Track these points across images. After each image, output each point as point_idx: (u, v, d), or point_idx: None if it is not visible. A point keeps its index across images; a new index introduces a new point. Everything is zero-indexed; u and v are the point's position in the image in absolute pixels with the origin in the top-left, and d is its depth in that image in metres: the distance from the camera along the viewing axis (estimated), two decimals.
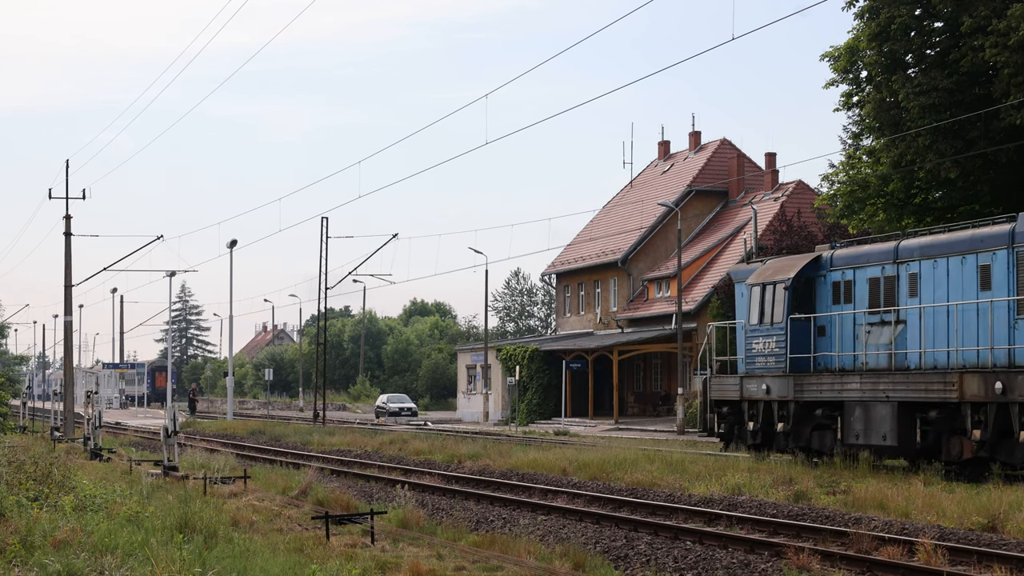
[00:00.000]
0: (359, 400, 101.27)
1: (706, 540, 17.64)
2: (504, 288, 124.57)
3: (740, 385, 30.73)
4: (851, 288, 28.51)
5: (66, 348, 55.74)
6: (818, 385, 28.34)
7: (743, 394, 30.61)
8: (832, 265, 29.16)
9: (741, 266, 33.84)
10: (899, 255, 27.30)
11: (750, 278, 31.04)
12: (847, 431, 27.31)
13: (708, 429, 32.33)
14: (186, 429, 53.45)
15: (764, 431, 30.01)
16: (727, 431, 31.48)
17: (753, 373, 30.42)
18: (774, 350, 29.78)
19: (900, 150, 37.03)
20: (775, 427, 29.54)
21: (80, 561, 13.23)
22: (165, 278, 79.09)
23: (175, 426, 27.77)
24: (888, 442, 26.14)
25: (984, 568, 14.90)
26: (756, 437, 30.21)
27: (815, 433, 28.60)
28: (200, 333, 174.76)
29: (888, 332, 27.46)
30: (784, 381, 29.21)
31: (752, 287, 30.63)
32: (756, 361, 30.48)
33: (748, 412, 30.55)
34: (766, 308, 29.99)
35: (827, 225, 49.77)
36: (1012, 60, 33.30)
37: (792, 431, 29.02)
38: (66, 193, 55.48)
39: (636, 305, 68.16)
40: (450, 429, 56.87)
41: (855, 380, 27.15)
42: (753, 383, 30.22)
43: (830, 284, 29.12)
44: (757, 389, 30.06)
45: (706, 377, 32.36)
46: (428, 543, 16.85)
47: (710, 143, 74.80)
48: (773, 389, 29.57)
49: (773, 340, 29.79)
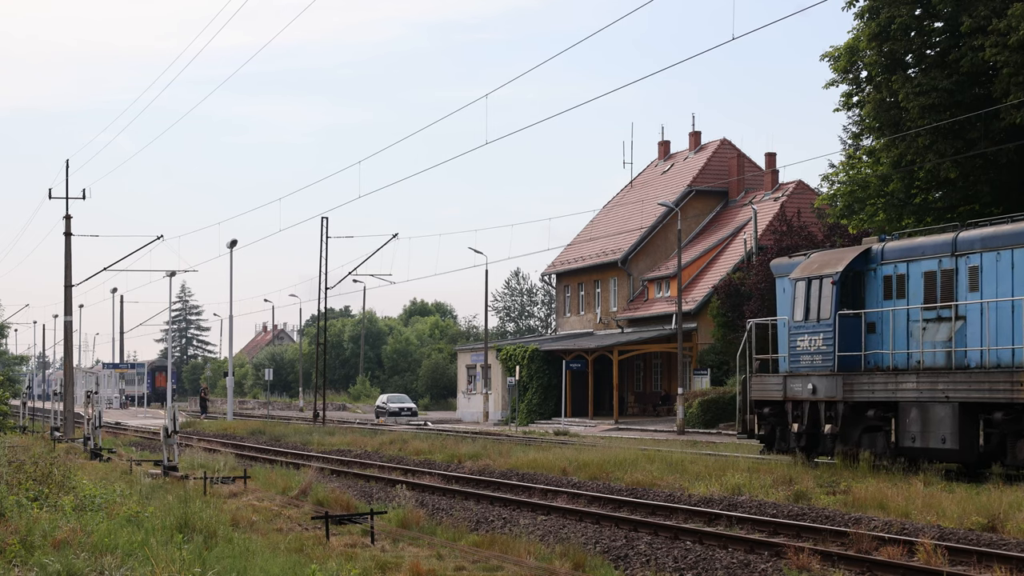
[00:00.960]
0: (359, 400, 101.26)
1: (706, 540, 17.64)
2: (504, 288, 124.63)
3: (783, 384, 29.21)
4: (904, 282, 27.14)
5: (66, 348, 55.74)
6: (870, 385, 26.84)
7: (787, 394, 29.08)
8: (883, 258, 27.75)
9: (783, 260, 31.99)
10: (958, 247, 25.88)
11: (794, 272, 29.55)
12: (902, 433, 25.93)
13: (748, 431, 30.58)
14: (186, 429, 53.47)
15: (809, 433, 28.51)
16: (768, 433, 29.93)
17: (798, 372, 28.92)
18: (821, 348, 28.33)
19: (900, 150, 37.04)
20: (821, 429, 28.02)
21: (80, 561, 13.23)
22: (165, 278, 79.16)
23: (175, 426, 27.77)
24: (948, 445, 24.79)
25: (984, 568, 14.90)
26: (800, 440, 28.64)
27: (865, 435, 27.14)
28: (200, 333, 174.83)
29: (946, 329, 26.12)
30: (832, 380, 27.72)
31: (796, 282, 29.16)
32: (801, 359, 29.00)
33: (792, 413, 29.06)
34: (812, 304, 28.58)
35: (827, 225, 49.78)
36: (1012, 60, 33.30)
37: (840, 433, 27.52)
38: (66, 193, 55.50)
39: (636, 305, 68.16)
40: (450, 429, 56.87)
41: (911, 379, 25.76)
42: (798, 382, 28.75)
43: (881, 278, 27.74)
44: (802, 389, 28.56)
45: (745, 376, 30.74)
46: (428, 543, 16.85)
47: (710, 143, 74.80)
48: (820, 389, 28.05)
49: (820, 337, 28.36)
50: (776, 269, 31.65)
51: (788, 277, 29.84)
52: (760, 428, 30.09)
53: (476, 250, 72.96)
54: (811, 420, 28.42)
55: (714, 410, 52.94)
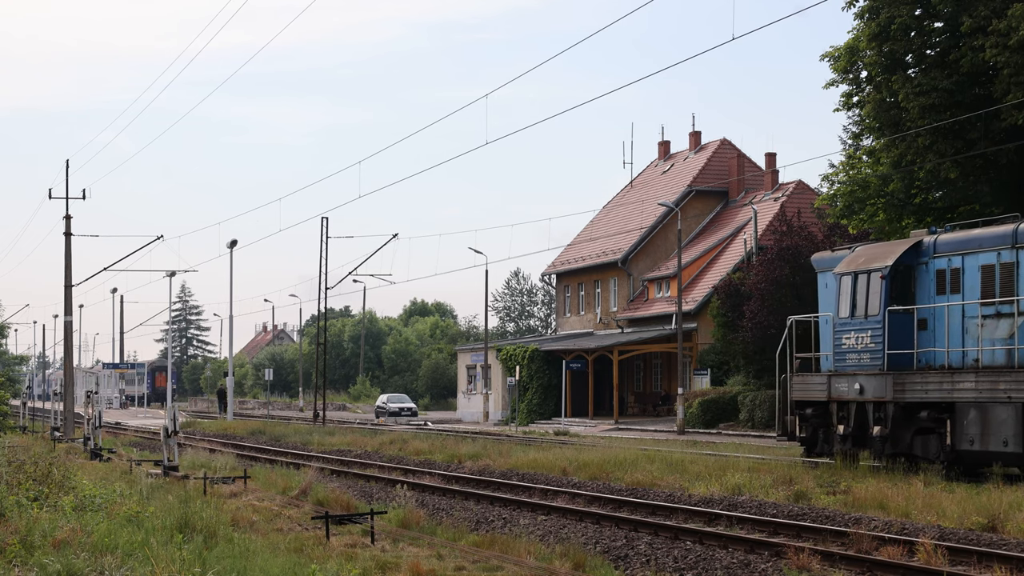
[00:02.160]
0: (359, 400, 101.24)
1: (706, 540, 17.64)
2: (504, 288, 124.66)
3: (828, 384, 27.92)
4: (959, 276, 25.88)
5: (66, 348, 55.73)
6: (923, 384, 25.62)
7: (831, 394, 27.80)
8: (935, 251, 26.48)
9: (825, 254, 30.63)
10: (1018, 239, 24.72)
11: (838, 266, 28.18)
12: (959, 436, 24.66)
13: (788, 433, 29.26)
14: (186, 429, 53.46)
15: (855, 435, 27.19)
16: (810, 435, 28.62)
17: (843, 371, 27.63)
18: (868, 345, 27.06)
19: (900, 150, 37.03)
20: (869, 431, 26.75)
21: (80, 561, 13.23)
22: (165, 278, 79.19)
23: (175, 426, 27.77)
24: (1010, 448, 23.62)
25: (984, 568, 14.90)
26: (846, 442, 27.36)
27: (917, 438, 25.89)
28: (200, 333, 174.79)
29: (1006, 325, 24.86)
30: (881, 380, 26.46)
31: (841, 276, 27.81)
32: (847, 358, 27.66)
33: (837, 414, 27.81)
34: (859, 299, 27.25)
35: (827, 225, 49.77)
36: (1012, 60, 33.29)
37: (890, 435, 26.23)
38: (66, 193, 55.50)
39: (636, 305, 68.15)
40: (450, 429, 56.87)
41: (969, 379, 24.57)
42: (843, 382, 27.47)
43: (933, 272, 26.47)
44: (848, 389, 27.30)
45: (785, 376, 29.39)
46: (428, 543, 16.85)
47: (710, 143, 74.80)
48: (868, 389, 26.81)
49: (867, 334, 27.12)
50: (818, 264, 30.35)
51: (832, 271, 28.46)
52: (801, 430, 28.87)
53: (476, 250, 73.05)
54: (858, 422, 27.18)
55: (714, 410, 52.94)
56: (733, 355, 55.04)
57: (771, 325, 49.07)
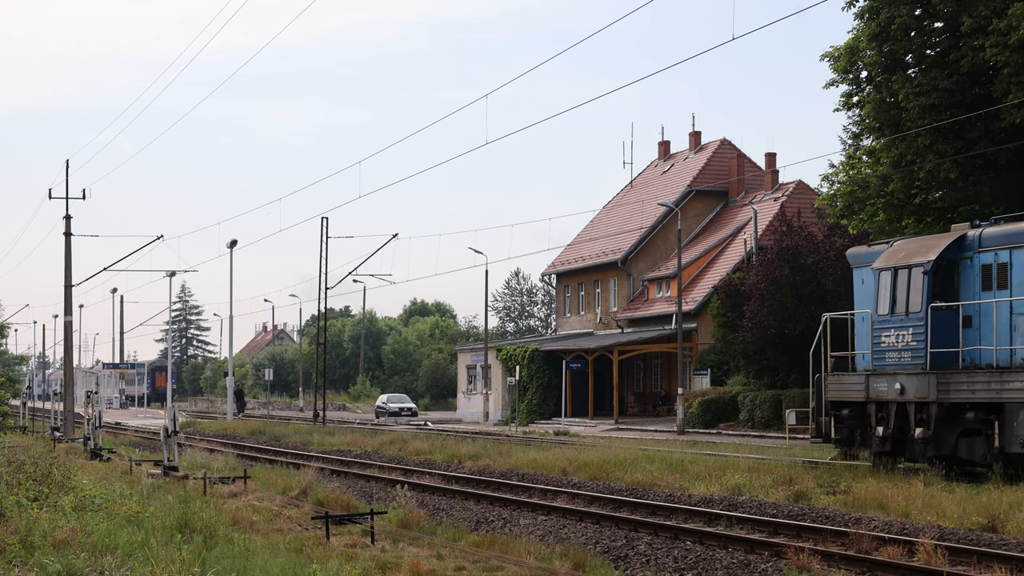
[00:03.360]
0: (359, 400, 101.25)
1: (706, 540, 17.64)
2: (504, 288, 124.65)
3: (866, 384, 26.83)
4: (1006, 271, 24.80)
5: (66, 348, 55.74)
6: (969, 384, 24.52)
7: (869, 394, 26.73)
8: (981, 245, 25.40)
9: (861, 249, 29.40)
10: None
11: (876, 261, 27.10)
12: (1008, 438, 23.62)
13: (823, 434, 28.16)
14: (186, 429, 53.47)
15: (895, 437, 26.17)
16: (846, 436, 27.57)
17: (882, 370, 26.54)
18: (910, 344, 25.95)
19: (900, 150, 37.02)
20: (910, 432, 25.69)
21: (80, 561, 13.22)
22: (165, 278, 79.20)
23: (175, 426, 27.78)
24: None
25: (984, 568, 14.90)
26: (885, 444, 26.27)
27: (963, 440, 24.79)
28: (200, 333, 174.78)
29: None
30: (923, 380, 25.38)
31: (880, 272, 26.72)
32: (886, 357, 26.54)
33: (876, 415, 26.71)
34: (899, 296, 26.19)
35: (827, 225, 49.77)
36: (1012, 60, 33.28)
37: (933, 437, 25.12)
38: (66, 193, 55.51)
39: (636, 305, 68.16)
40: (450, 429, 56.87)
41: (1020, 379, 23.48)
42: (882, 382, 26.39)
43: (978, 267, 25.40)
44: (888, 389, 26.22)
45: (819, 376, 28.39)
46: (428, 543, 16.85)
47: (710, 143, 74.80)
48: (909, 389, 25.72)
49: (908, 332, 26.01)
50: (854, 259, 29.23)
51: (871, 267, 27.40)
52: (837, 431, 27.75)
53: (476, 250, 73.11)
54: (898, 423, 26.13)
55: (714, 410, 52.95)
56: (733, 355, 55.03)
57: (771, 325, 49.09)
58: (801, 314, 48.60)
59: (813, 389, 28.67)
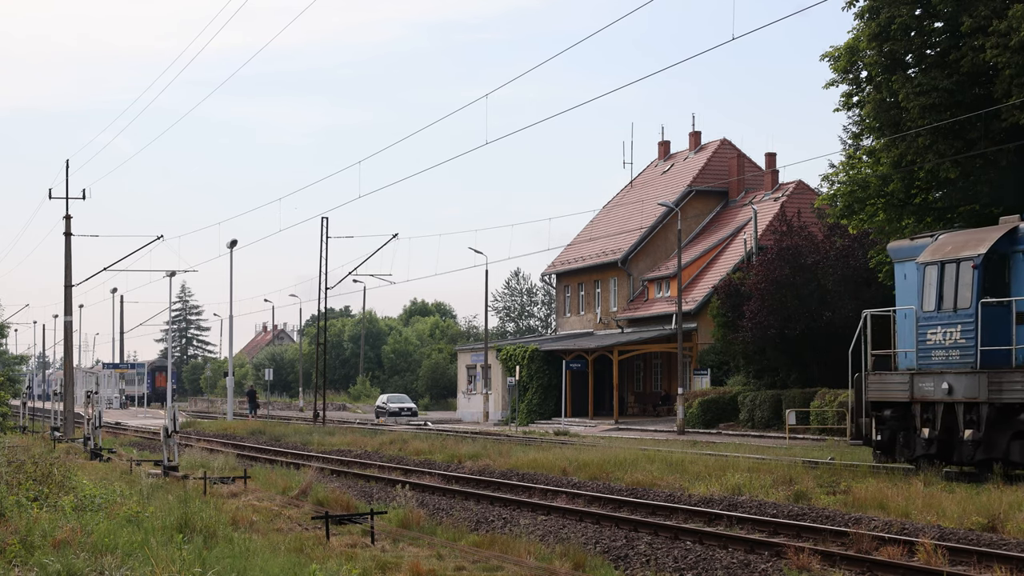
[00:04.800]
0: (359, 400, 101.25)
1: (706, 540, 17.64)
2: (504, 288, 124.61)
3: (910, 383, 25.74)
4: None
5: (66, 348, 55.73)
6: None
7: (914, 394, 25.66)
8: None
9: (903, 242, 28.19)
10: None
11: (922, 255, 26.03)
12: None
13: (863, 436, 26.94)
14: (186, 429, 53.48)
15: (941, 439, 25.07)
16: (888, 439, 26.35)
17: (928, 369, 25.48)
18: (958, 341, 24.94)
19: (900, 150, 37.00)
20: (959, 435, 24.67)
21: (80, 561, 13.22)
22: (165, 278, 79.26)
23: (175, 426, 27.77)
24: None
25: (984, 568, 14.90)
26: (931, 446, 25.18)
27: (1015, 442, 23.76)
28: (200, 333, 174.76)
29: None
30: (973, 379, 24.35)
31: (925, 266, 25.72)
32: (932, 355, 25.49)
33: (921, 416, 25.63)
34: (946, 291, 25.18)
35: (827, 225, 49.78)
36: (1013, 61, 33.26)
37: (984, 439, 24.10)
38: (66, 193, 55.50)
39: (636, 305, 68.16)
40: (450, 429, 56.87)
41: None
42: (928, 381, 25.32)
43: None
44: (935, 389, 25.13)
45: (859, 375, 27.22)
46: (428, 543, 16.85)
47: (710, 143, 74.80)
48: (957, 389, 24.70)
49: (957, 329, 25.02)
50: (895, 253, 28.26)
51: (915, 261, 26.29)
52: (877, 433, 26.59)
53: (476, 250, 73.11)
54: (944, 425, 25.06)
55: (714, 410, 52.95)
56: (733, 355, 55.04)
57: (771, 325, 49.10)
58: (801, 314, 48.64)
59: (852, 389, 27.39)
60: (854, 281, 47.84)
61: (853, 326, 48.19)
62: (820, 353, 48.93)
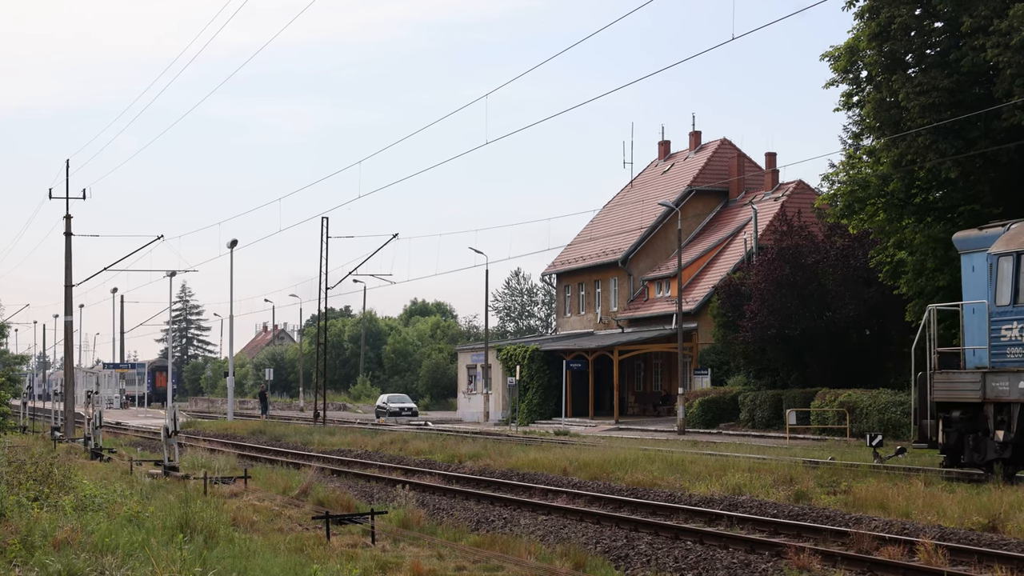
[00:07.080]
0: (359, 400, 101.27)
1: (707, 540, 17.64)
2: (504, 288, 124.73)
3: (982, 383, 24.14)
4: None
5: (66, 348, 55.74)
6: None
7: (987, 395, 24.06)
8: None
9: (971, 232, 26.47)
10: None
11: (994, 246, 24.45)
12: None
13: (927, 439, 25.33)
14: (186, 429, 53.47)
15: (1016, 443, 23.59)
16: (955, 442, 24.84)
17: (1003, 367, 23.89)
18: None
19: (900, 150, 37.01)
20: None
21: (80, 561, 13.22)
22: (165, 278, 79.24)
23: (175, 426, 27.78)
24: None
25: (985, 568, 14.90)
26: (1006, 450, 23.72)
27: None
28: (200, 333, 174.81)
29: None
30: None
31: (999, 258, 24.10)
32: (1008, 352, 23.91)
33: (995, 419, 24.05)
34: (1022, 284, 23.65)
35: (827, 225, 49.79)
36: (1013, 61, 33.27)
37: None
38: (66, 193, 55.51)
39: (636, 305, 68.16)
40: (450, 429, 56.87)
41: None
42: (1004, 380, 23.76)
43: None
44: (1010, 388, 23.62)
45: (923, 373, 25.60)
46: (429, 543, 16.85)
47: (710, 143, 74.80)
48: None
49: None
50: (962, 244, 26.51)
51: (987, 251, 24.70)
52: (944, 436, 25.06)
53: (476, 250, 73.09)
54: (1021, 427, 23.58)
55: (714, 410, 52.96)
56: (733, 355, 55.04)
57: (771, 325, 49.11)
58: (801, 314, 48.64)
59: (915, 388, 25.84)
60: (854, 281, 47.86)
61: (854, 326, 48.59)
62: (820, 353, 48.95)
